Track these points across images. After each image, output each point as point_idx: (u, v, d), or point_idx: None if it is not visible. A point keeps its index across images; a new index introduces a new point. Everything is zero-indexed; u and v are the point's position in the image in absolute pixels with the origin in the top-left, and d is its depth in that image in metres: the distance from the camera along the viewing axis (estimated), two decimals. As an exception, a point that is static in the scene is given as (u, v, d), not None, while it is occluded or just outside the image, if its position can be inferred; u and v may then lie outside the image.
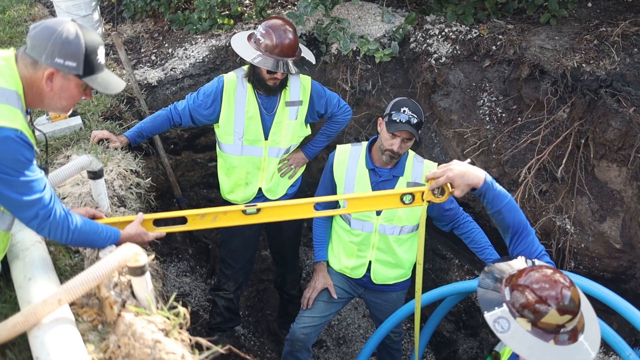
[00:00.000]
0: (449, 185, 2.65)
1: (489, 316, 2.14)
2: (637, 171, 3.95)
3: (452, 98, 4.68)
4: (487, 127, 4.50)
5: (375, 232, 3.73)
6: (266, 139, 4.00)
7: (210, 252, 5.30)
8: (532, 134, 4.22)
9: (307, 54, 3.94)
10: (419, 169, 3.70)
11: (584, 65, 4.16)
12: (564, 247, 4.19)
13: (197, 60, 4.90)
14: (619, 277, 4.16)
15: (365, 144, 3.77)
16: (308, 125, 4.17)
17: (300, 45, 3.91)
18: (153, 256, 2.32)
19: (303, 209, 2.92)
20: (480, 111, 4.55)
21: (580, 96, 4.13)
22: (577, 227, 4.18)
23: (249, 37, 3.87)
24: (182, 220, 2.78)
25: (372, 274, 3.85)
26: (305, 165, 4.33)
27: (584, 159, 4.11)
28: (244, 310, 5.19)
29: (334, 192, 3.79)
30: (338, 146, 3.83)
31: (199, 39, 5.11)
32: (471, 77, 4.64)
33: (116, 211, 2.97)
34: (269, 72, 3.73)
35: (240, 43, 3.85)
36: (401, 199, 2.86)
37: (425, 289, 5.32)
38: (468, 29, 4.74)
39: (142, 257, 2.10)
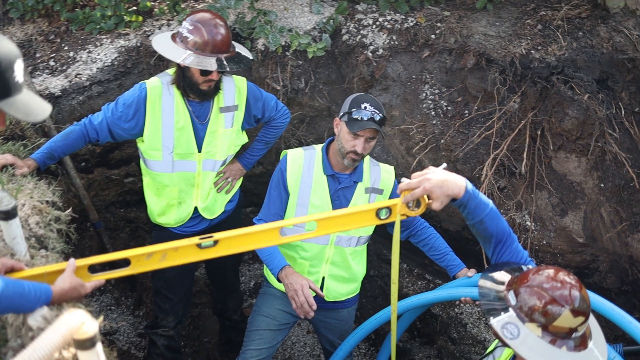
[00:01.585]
0: (425, 196, 2.31)
1: (495, 322, 1.96)
2: (597, 161, 3.79)
3: (392, 92, 4.35)
4: (433, 122, 4.20)
5: (330, 245, 3.40)
6: (199, 151, 3.52)
7: (135, 279, 4.71)
8: (485, 128, 3.97)
9: (242, 49, 3.47)
10: (376, 173, 3.42)
11: (532, 51, 3.96)
12: (525, 245, 3.97)
13: (105, 64, 4.30)
14: (582, 272, 3.98)
15: (319, 147, 3.38)
16: (244, 132, 3.72)
17: (232, 41, 3.43)
18: (102, 318, 1.82)
19: (267, 235, 2.48)
20: (424, 105, 4.25)
21: (531, 84, 3.92)
22: (537, 223, 3.98)
23: (173, 37, 3.35)
24: (124, 262, 2.29)
25: (325, 291, 3.49)
26: (242, 178, 3.88)
27: (542, 150, 3.90)
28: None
29: (285, 204, 3.39)
30: (289, 151, 3.42)
31: (105, 40, 4.50)
32: (410, 69, 4.33)
33: (36, 256, 2.39)
34: (202, 73, 3.24)
35: (164, 44, 3.33)
36: (377, 215, 2.50)
37: (373, 298, 5.07)
38: (403, 17, 4.43)
39: (91, 325, 1.62)
